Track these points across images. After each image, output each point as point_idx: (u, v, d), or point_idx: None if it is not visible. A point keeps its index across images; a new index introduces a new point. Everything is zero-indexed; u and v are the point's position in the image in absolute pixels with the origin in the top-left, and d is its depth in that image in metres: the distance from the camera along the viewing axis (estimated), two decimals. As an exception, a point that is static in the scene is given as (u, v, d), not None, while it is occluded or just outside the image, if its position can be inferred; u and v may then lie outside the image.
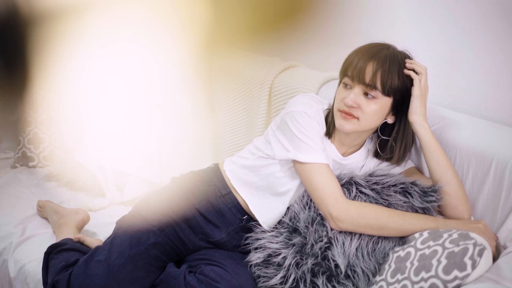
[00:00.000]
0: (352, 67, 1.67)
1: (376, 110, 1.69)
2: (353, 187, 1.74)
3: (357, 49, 1.72)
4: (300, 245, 1.72)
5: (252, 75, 2.36)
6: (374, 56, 1.66)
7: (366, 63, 1.66)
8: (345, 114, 1.70)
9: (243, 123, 2.38)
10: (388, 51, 1.69)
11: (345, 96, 1.69)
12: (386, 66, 1.66)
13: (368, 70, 1.66)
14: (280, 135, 1.77)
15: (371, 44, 1.73)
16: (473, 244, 1.50)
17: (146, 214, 1.85)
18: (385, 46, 1.71)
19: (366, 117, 1.70)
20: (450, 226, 1.65)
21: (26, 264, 2.05)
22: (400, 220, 1.66)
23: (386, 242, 1.69)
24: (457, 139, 1.85)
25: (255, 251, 1.81)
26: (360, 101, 1.68)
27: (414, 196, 1.70)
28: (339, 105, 1.72)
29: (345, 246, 1.68)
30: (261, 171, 1.83)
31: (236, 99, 2.42)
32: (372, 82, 1.65)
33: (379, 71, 1.65)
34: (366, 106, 1.68)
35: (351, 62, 1.69)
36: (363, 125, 1.71)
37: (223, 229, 1.88)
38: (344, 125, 1.71)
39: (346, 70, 1.70)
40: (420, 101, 1.70)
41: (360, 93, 1.68)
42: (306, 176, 1.72)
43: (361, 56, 1.68)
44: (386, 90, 1.67)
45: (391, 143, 1.79)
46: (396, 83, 1.68)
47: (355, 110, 1.69)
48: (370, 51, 1.68)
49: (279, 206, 1.82)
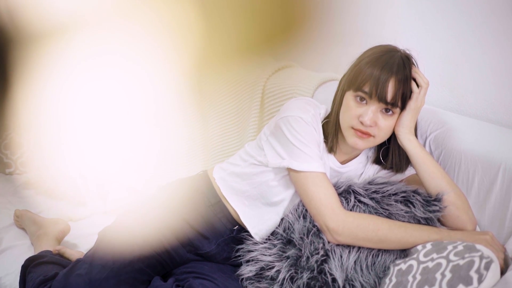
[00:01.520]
0: (371, 83, 1.64)
1: (392, 125, 1.70)
2: (351, 196, 1.72)
3: (368, 58, 1.68)
4: (295, 257, 1.70)
5: (244, 76, 2.35)
6: (392, 69, 1.64)
7: (387, 80, 1.63)
8: (361, 133, 1.68)
9: (234, 127, 2.37)
10: (401, 60, 1.66)
11: (360, 113, 1.67)
12: (405, 80, 1.65)
13: (390, 88, 1.64)
14: (274, 141, 1.76)
15: (380, 50, 1.69)
16: (479, 256, 1.48)
17: (130, 225, 1.84)
18: (396, 53, 1.68)
19: (382, 134, 1.70)
20: (455, 237, 1.63)
21: (2, 277, 2.03)
22: (401, 233, 1.64)
23: (387, 254, 1.67)
24: (462, 145, 1.84)
25: (246, 264, 1.80)
26: (377, 119, 1.67)
27: (416, 206, 1.69)
28: (353, 122, 1.69)
29: (343, 259, 1.66)
30: (253, 179, 1.81)
31: (226, 101, 2.40)
32: (394, 100, 1.65)
33: (401, 89, 1.64)
34: (383, 122, 1.67)
35: (368, 76, 1.65)
36: (377, 141, 1.72)
37: (212, 240, 1.86)
38: (358, 143, 1.70)
39: (361, 84, 1.66)
40: (412, 115, 1.71)
41: (377, 111, 1.67)
42: (302, 185, 1.71)
43: (379, 70, 1.64)
44: (404, 106, 1.68)
45: (394, 150, 1.79)
46: (409, 95, 1.69)
47: (372, 129, 1.67)
48: (387, 64, 1.64)
49: (272, 216, 1.81)
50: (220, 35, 1.47)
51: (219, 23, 1.44)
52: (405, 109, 1.69)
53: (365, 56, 1.70)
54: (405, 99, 1.67)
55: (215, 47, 1.52)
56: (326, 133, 1.78)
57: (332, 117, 1.77)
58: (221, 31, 1.46)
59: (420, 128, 1.91)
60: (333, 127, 1.76)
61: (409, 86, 1.67)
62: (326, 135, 1.78)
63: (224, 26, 1.48)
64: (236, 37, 1.54)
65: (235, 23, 1.53)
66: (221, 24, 1.46)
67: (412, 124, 1.72)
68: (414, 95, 1.68)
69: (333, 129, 1.76)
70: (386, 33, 2.11)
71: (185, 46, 1.39)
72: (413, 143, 1.72)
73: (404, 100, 1.67)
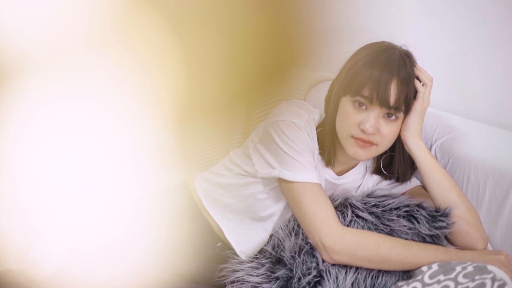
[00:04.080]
0: (371, 87, 1.62)
1: (395, 131, 1.69)
2: (348, 210, 1.71)
3: (365, 59, 1.67)
4: (285, 278, 1.68)
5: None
6: (393, 69, 1.63)
7: (389, 82, 1.62)
8: (362, 143, 1.67)
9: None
10: (402, 58, 1.66)
11: (360, 121, 1.65)
12: (408, 80, 1.65)
13: (393, 90, 1.63)
14: (263, 149, 1.73)
15: (376, 48, 1.69)
16: (491, 278, 1.47)
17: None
18: (394, 50, 1.68)
19: (385, 141, 1.69)
20: (465, 258, 1.62)
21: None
22: (404, 252, 1.63)
23: (388, 276, 1.66)
24: (472, 152, 1.84)
25: (231, 285, 1.77)
26: (379, 125, 1.66)
27: (421, 222, 1.68)
28: (352, 131, 1.67)
29: (338, 280, 1.65)
30: (239, 191, 1.80)
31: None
32: (397, 104, 1.64)
33: (404, 90, 1.64)
34: (386, 129, 1.67)
35: (367, 78, 1.63)
36: (380, 150, 1.71)
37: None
38: (360, 154, 1.69)
39: (359, 88, 1.64)
40: (419, 117, 1.70)
41: (379, 116, 1.65)
42: (294, 197, 1.69)
43: (379, 71, 1.63)
44: (408, 109, 1.68)
45: (399, 157, 1.80)
46: (413, 96, 1.68)
47: (374, 137, 1.66)
48: (387, 63, 1.64)
49: (260, 233, 1.80)
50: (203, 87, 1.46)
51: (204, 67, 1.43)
52: (411, 111, 1.69)
53: (360, 57, 1.69)
54: (409, 101, 1.66)
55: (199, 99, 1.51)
56: (322, 143, 1.77)
57: (327, 126, 1.75)
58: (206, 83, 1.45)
59: (425, 134, 1.91)
60: (330, 137, 1.74)
61: (413, 86, 1.67)
62: (321, 146, 1.77)
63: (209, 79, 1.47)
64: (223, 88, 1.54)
65: (222, 74, 1.52)
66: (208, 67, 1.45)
67: (419, 127, 1.71)
68: (420, 95, 1.68)
69: (330, 139, 1.74)
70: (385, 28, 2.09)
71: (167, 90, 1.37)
72: (422, 149, 1.72)
73: (408, 103, 1.66)
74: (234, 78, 1.47)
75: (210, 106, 1.52)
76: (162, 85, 1.34)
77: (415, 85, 1.68)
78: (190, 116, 1.61)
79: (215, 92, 1.46)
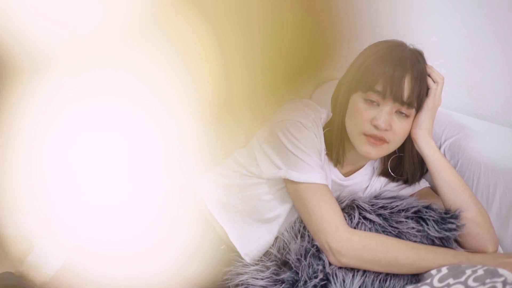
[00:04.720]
0: (385, 81, 1.63)
1: (407, 128, 1.70)
2: (355, 212, 1.70)
3: (375, 55, 1.68)
4: (291, 282, 1.68)
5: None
6: (406, 65, 1.64)
7: (402, 77, 1.63)
8: (374, 140, 1.67)
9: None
10: (413, 54, 1.68)
11: (373, 116, 1.65)
12: (421, 77, 1.66)
13: (406, 85, 1.63)
14: (269, 149, 1.73)
15: (387, 45, 1.70)
16: (502, 282, 1.46)
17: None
18: (405, 47, 1.70)
19: (397, 139, 1.69)
20: (475, 261, 1.61)
21: (-45, 303, 1.99)
22: (413, 255, 1.62)
23: (396, 279, 1.65)
24: (481, 153, 1.84)
25: (235, 289, 1.78)
26: (392, 121, 1.66)
27: (429, 224, 1.67)
28: (365, 127, 1.67)
29: (345, 284, 1.64)
30: (244, 192, 1.79)
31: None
32: (410, 99, 1.64)
33: (417, 87, 1.64)
34: (398, 125, 1.67)
35: (380, 74, 1.64)
36: (391, 148, 1.72)
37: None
38: (371, 152, 1.69)
39: (372, 83, 1.65)
40: (430, 115, 1.71)
41: (392, 112, 1.66)
42: (300, 199, 1.68)
43: (392, 66, 1.63)
44: (419, 106, 1.69)
45: (409, 157, 1.80)
46: (425, 93, 1.70)
47: (387, 133, 1.66)
48: (400, 59, 1.65)
49: (265, 235, 1.79)
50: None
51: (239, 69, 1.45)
52: (422, 108, 1.70)
53: (370, 53, 1.70)
54: (422, 98, 1.68)
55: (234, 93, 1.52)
56: (329, 143, 1.76)
57: (335, 125, 1.75)
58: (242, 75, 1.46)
59: (434, 134, 1.90)
60: (338, 136, 1.74)
61: (425, 83, 1.68)
62: (329, 146, 1.76)
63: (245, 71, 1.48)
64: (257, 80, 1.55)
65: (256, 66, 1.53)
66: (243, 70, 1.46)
67: (430, 125, 1.72)
68: (432, 92, 1.69)
69: (339, 138, 1.74)
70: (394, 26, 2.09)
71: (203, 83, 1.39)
72: (433, 147, 1.72)
73: (421, 100, 1.67)
74: (266, 74, 1.48)
75: (245, 101, 1.53)
76: (199, 78, 1.35)
77: (427, 82, 1.69)
78: (227, 110, 1.62)
79: (250, 86, 1.47)
